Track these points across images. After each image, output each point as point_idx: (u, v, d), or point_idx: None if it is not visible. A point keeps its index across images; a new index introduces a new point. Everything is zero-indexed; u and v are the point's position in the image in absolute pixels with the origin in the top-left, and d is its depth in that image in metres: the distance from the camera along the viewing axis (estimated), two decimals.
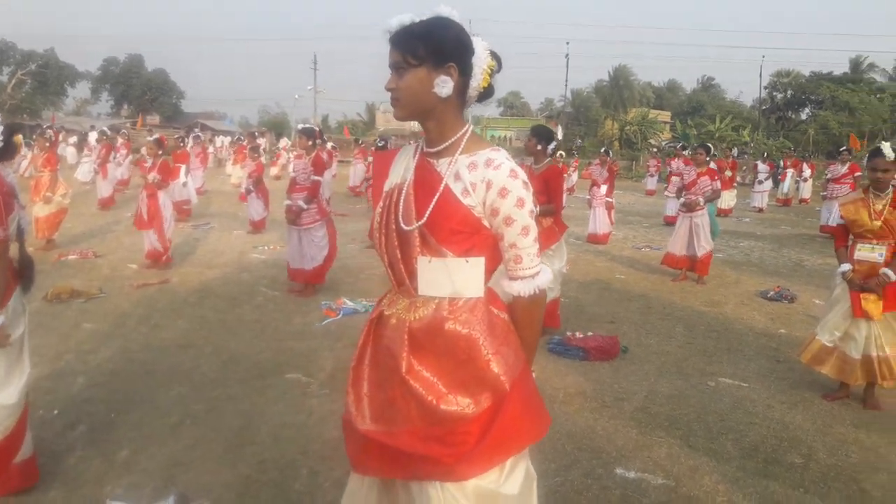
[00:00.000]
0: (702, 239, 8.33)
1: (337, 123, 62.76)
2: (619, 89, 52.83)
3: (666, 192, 14.98)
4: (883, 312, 4.28)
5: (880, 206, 4.33)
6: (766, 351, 5.76)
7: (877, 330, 4.31)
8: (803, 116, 53.09)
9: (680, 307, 7.15)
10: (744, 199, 19.90)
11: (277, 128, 57.09)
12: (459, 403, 1.73)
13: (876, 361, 4.30)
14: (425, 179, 1.81)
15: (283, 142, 32.94)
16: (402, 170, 1.90)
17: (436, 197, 1.75)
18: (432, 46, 1.71)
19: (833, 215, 13.47)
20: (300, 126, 8.11)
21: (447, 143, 1.80)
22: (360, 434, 1.84)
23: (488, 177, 1.72)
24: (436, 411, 1.73)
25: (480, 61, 1.78)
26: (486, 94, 1.84)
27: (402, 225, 1.79)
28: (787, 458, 3.73)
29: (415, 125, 2.47)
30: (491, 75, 1.82)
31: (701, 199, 8.30)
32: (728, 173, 16.38)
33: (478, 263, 1.76)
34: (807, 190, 21.92)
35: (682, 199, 8.59)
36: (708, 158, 8.57)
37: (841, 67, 52.27)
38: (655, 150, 42.32)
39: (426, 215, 1.75)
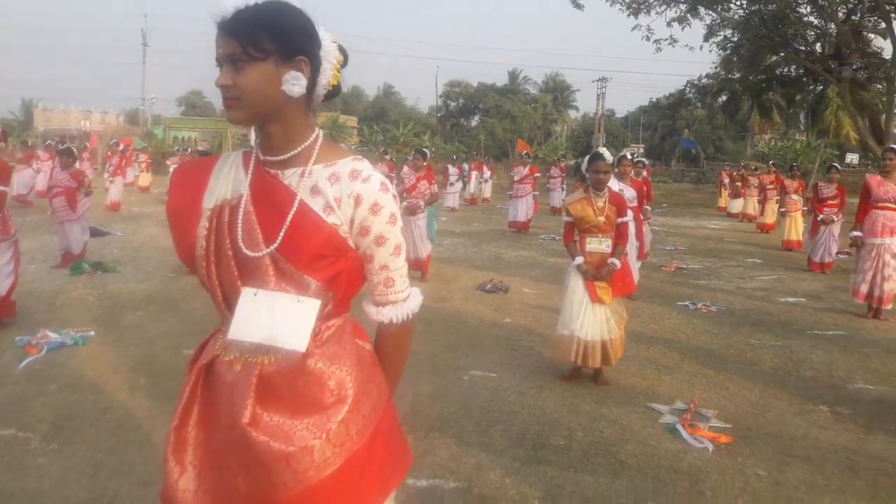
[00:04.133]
0: (423, 240, 8.73)
1: None
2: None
3: None
4: (612, 297, 4.86)
5: (601, 204, 4.91)
6: (500, 340, 6.19)
7: (607, 314, 4.88)
8: (474, 123, 58.79)
9: None
10: (438, 199, 21.37)
11: None
12: (318, 455, 1.46)
13: (610, 344, 4.86)
14: (269, 194, 1.52)
15: None
16: (229, 183, 1.57)
17: (290, 215, 1.48)
18: (281, 36, 1.44)
19: (518, 212, 15.15)
20: None
21: (296, 151, 1.53)
22: None
23: (357, 191, 1.50)
24: (287, 466, 1.43)
25: (329, 55, 1.54)
26: (334, 92, 1.60)
27: (245, 251, 1.48)
28: (552, 440, 4.02)
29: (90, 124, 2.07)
30: (339, 71, 1.60)
31: (421, 203, 8.67)
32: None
33: (311, 307, 1.49)
34: (488, 190, 24.32)
35: (403, 204, 8.88)
36: (425, 163, 8.98)
37: (502, 80, 59.02)
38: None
39: (279, 238, 1.47)
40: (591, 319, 4.83)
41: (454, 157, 25.68)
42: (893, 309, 7.43)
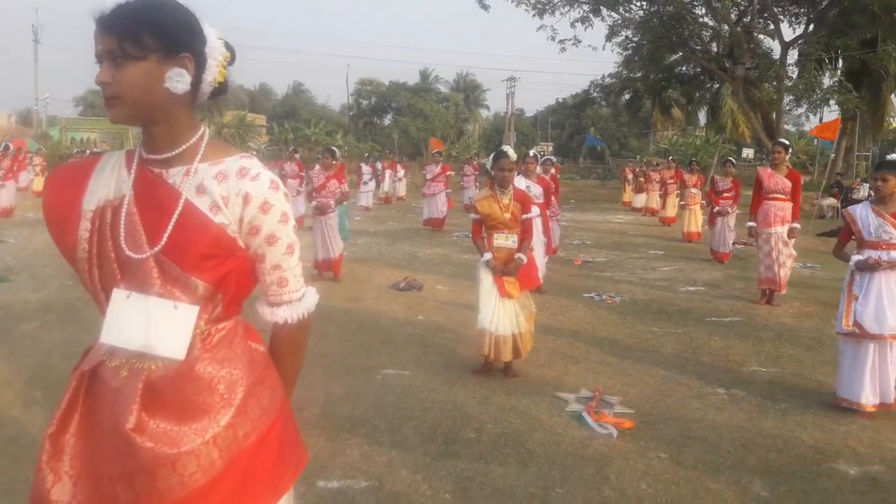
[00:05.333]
0: (335, 240, 8.65)
1: None
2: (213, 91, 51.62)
3: None
4: (521, 291, 4.97)
5: (507, 201, 5.00)
6: (414, 338, 6.21)
7: (516, 308, 4.98)
8: (387, 122, 58.62)
9: (325, 306, 7.24)
10: (351, 199, 21.19)
11: None
12: (203, 459, 1.43)
13: (520, 337, 4.96)
14: (153, 194, 1.48)
15: None
16: (112, 183, 1.52)
17: (175, 215, 1.44)
18: (162, 33, 1.40)
19: (432, 210, 15.24)
20: None
21: (180, 149, 1.49)
22: None
23: (245, 189, 1.47)
24: (172, 471, 1.40)
25: (214, 51, 1.51)
26: (221, 89, 1.57)
27: (129, 252, 1.43)
28: (463, 434, 4.07)
29: None
30: (225, 68, 1.57)
31: (332, 202, 8.59)
32: None
33: (189, 314, 1.44)
34: (402, 189, 24.32)
35: (313, 203, 8.76)
36: (335, 162, 8.89)
37: (413, 78, 59.09)
38: (255, 152, 42.52)
39: (164, 239, 1.42)
40: (500, 314, 4.91)
41: (367, 155, 25.52)
42: (784, 294, 7.91)
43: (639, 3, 24.66)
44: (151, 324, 1.43)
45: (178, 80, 1.43)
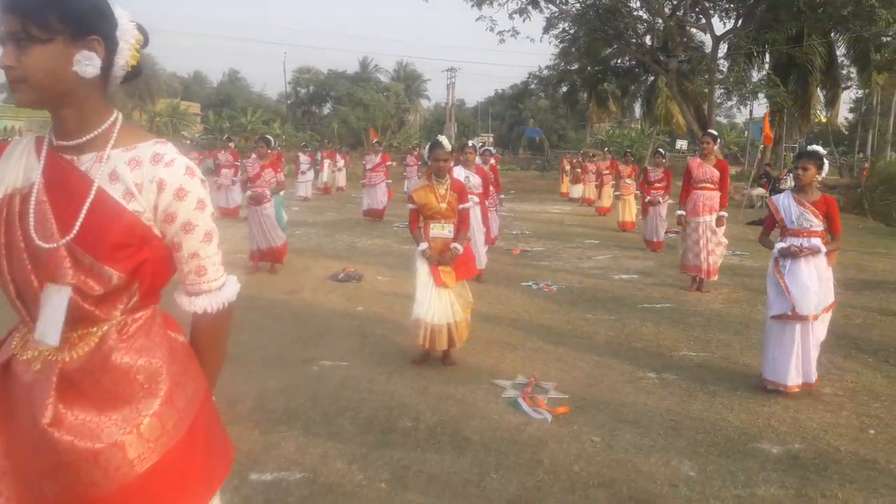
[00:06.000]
0: (274, 228, 8.51)
1: None
2: (146, 78, 50.01)
3: (218, 182, 14.64)
4: (456, 281, 4.98)
5: (443, 191, 5.00)
6: (352, 329, 6.17)
7: (452, 298, 4.99)
8: (326, 111, 57.91)
9: (261, 298, 7.16)
10: (289, 188, 20.88)
11: None
12: (130, 452, 1.41)
13: (455, 326, 4.97)
14: (63, 182, 1.43)
15: None
16: (20, 170, 1.46)
17: (87, 204, 1.40)
18: (67, 15, 1.35)
19: (372, 201, 15.13)
20: None
21: (92, 135, 1.45)
22: None
23: (159, 175, 1.44)
24: (95, 465, 1.38)
25: (126, 34, 1.48)
26: (135, 73, 1.53)
27: (39, 242, 1.38)
28: (400, 423, 4.07)
29: None
30: (139, 51, 1.53)
31: (268, 192, 8.44)
32: None
33: (62, 296, 1.38)
34: (342, 179, 24.09)
35: (248, 193, 8.59)
36: (270, 151, 8.73)
37: (353, 67, 58.53)
38: (188, 142, 41.46)
39: (76, 228, 1.38)
40: (436, 303, 4.92)
41: (304, 144, 25.14)
42: (712, 281, 8.17)
43: None
44: (43, 311, 1.39)
45: (86, 63, 1.39)
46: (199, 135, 44.05)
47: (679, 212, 8.12)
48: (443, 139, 4.99)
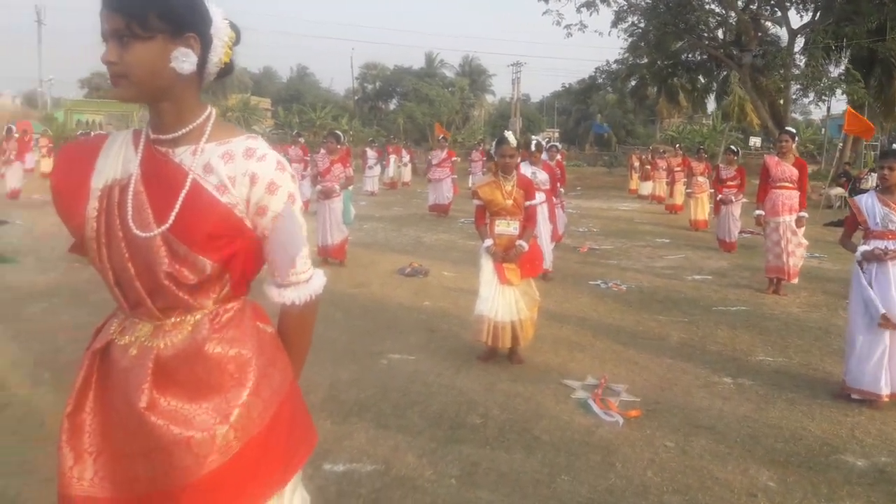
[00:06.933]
0: (338, 225, 8.63)
1: None
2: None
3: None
4: (521, 279, 4.94)
5: (509, 187, 4.96)
6: (419, 323, 6.20)
7: (517, 295, 4.95)
8: (392, 106, 58.38)
9: (330, 291, 7.21)
10: (356, 183, 21.20)
11: None
12: (220, 440, 1.44)
13: (519, 324, 4.93)
14: (160, 173, 1.47)
15: None
16: (118, 162, 1.51)
17: (182, 194, 1.43)
18: (168, 13, 1.39)
19: (437, 196, 15.19)
20: None
21: (187, 129, 1.49)
22: (81, 502, 1.46)
23: (252, 169, 1.47)
24: (188, 450, 1.42)
25: (220, 32, 1.51)
26: (227, 70, 1.57)
27: (136, 231, 1.43)
28: (469, 419, 4.06)
29: None
30: (231, 48, 1.56)
31: (336, 186, 8.57)
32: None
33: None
34: (407, 174, 24.27)
35: (318, 187, 8.74)
36: (340, 146, 8.85)
37: (418, 63, 58.81)
38: (259, 136, 42.47)
39: (171, 218, 1.42)
40: (500, 301, 4.88)
41: (372, 140, 25.45)
42: (791, 284, 7.87)
43: None
44: None
45: (184, 60, 1.42)
46: (269, 129, 45.02)
47: (757, 211, 7.86)
48: (509, 135, 4.95)
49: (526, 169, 7.21)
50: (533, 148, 7.93)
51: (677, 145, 20.17)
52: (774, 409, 4.37)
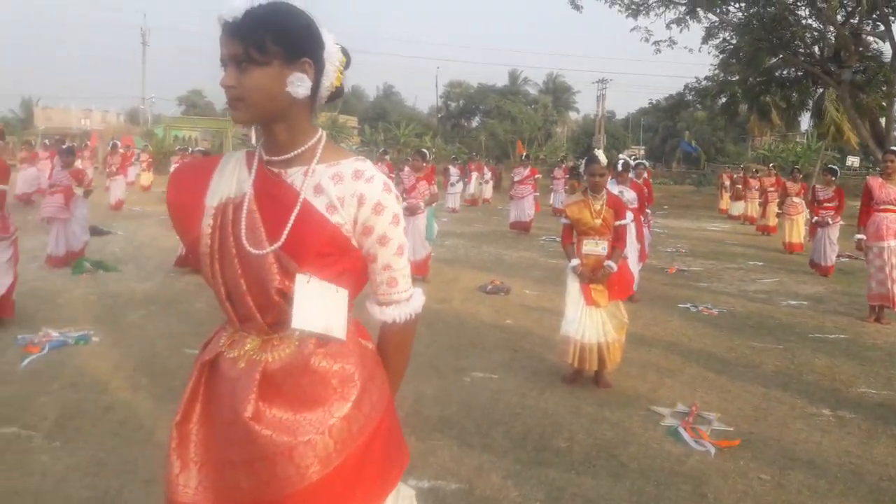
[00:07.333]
0: (421, 242, 8.72)
1: None
2: None
3: None
4: (609, 301, 4.85)
5: (598, 206, 4.90)
6: (501, 342, 6.17)
7: (604, 317, 4.86)
8: (475, 124, 58.77)
9: None
10: (439, 200, 21.39)
11: None
12: (320, 451, 1.47)
13: (607, 347, 4.84)
14: (273, 193, 1.52)
15: None
16: (233, 182, 1.57)
17: (294, 214, 1.48)
18: (285, 39, 1.44)
19: (519, 213, 15.13)
20: None
21: (299, 151, 1.54)
22: None
23: (360, 190, 1.50)
24: (290, 460, 1.45)
25: (332, 57, 1.55)
26: (337, 93, 1.61)
27: (249, 248, 1.48)
28: (554, 443, 4.00)
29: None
30: (342, 72, 1.60)
31: (421, 203, 8.67)
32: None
33: (345, 297, 1.53)
34: (488, 191, 24.35)
35: (403, 204, 8.85)
36: (425, 164, 8.97)
37: (502, 80, 59.02)
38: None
39: (283, 236, 1.47)
40: (587, 322, 4.80)
41: (454, 157, 25.66)
42: (895, 313, 7.42)
43: (737, 5, 23.71)
44: (328, 307, 1.49)
45: (299, 84, 1.47)
46: (356, 147, 46.11)
47: (858, 235, 7.47)
48: (599, 153, 4.89)
49: (613, 187, 7.11)
50: (620, 167, 7.80)
51: (771, 164, 19.40)
52: (879, 445, 4.12)
